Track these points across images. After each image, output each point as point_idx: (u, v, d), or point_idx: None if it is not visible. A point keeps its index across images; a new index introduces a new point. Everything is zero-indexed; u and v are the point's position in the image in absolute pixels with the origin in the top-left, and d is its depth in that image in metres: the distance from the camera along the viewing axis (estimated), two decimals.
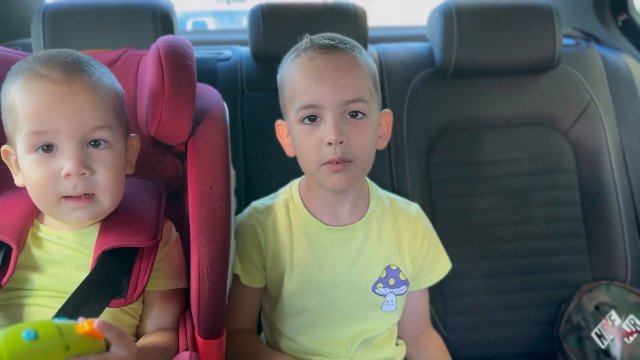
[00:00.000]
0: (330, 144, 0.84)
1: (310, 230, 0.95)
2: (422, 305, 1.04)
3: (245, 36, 1.37)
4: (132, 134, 0.89)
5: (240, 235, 0.97)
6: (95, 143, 0.78)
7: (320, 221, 0.95)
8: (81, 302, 0.75)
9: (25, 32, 1.37)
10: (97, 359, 0.62)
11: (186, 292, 0.90)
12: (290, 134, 0.93)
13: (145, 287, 0.80)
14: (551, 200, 1.33)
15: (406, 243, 0.98)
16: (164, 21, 1.19)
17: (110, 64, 1.08)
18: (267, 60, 1.30)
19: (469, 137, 1.34)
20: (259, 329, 1.05)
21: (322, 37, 0.89)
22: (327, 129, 0.85)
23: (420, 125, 1.31)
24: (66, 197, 0.77)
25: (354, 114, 0.86)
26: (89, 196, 0.78)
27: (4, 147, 0.81)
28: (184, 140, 0.92)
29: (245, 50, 1.37)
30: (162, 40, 0.94)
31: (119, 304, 0.78)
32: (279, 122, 0.98)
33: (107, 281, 0.78)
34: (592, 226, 1.32)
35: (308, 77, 0.87)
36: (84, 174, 0.76)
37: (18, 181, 0.81)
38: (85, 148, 0.77)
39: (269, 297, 0.99)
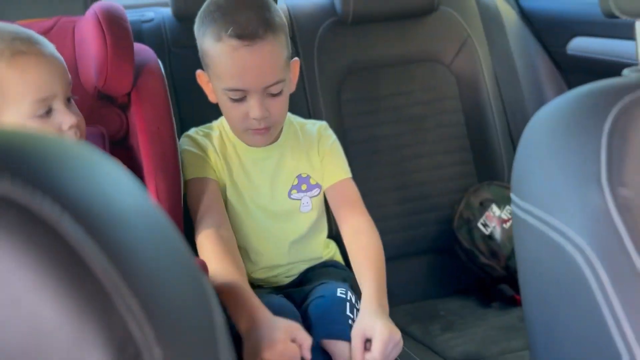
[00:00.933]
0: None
1: (239, 150, 1.15)
2: (342, 196, 1.19)
3: None
4: None
5: (193, 143, 1.13)
6: (69, 101, 0.93)
7: (246, 144, 1.14)
8: None
9: None
10: None
11: None
12: (213, 88, 1.09)
13: None
14: (441, 123, 1.60)
15: (313, 150, 1.19)
16: None
17: (46, 32, 1.20)
18: (188, 18, 1.44)
19: (372, 75, 1.56)
20: None
21: (244, 22, 0.96)
22: (252, 107, 1.00)
23: (330, 68, 1.52)
24: None
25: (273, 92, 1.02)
26: None
27: None
28: (127, 90, 1.08)
29: (167, 10, 1.50)
30: (98, 7, 1.08)
31: None
32: (199, 72, 1.12)
33: None
34: (475, 141, 1.61)
35: (233, 66, 0.98)
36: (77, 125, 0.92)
37: None
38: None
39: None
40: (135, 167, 1.12)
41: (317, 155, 1.20)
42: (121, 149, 1.17)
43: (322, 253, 1.25)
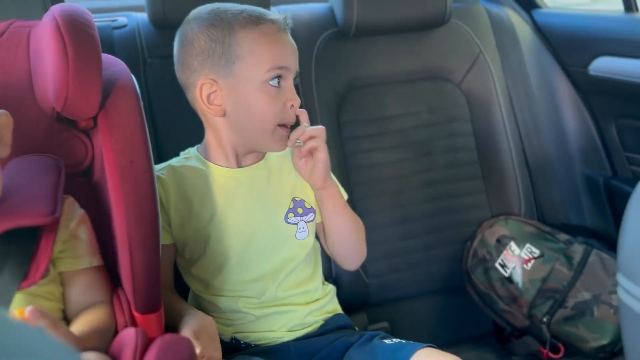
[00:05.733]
0: (292, 106, 0.94)
1: (217, 176, 0.99)
2: None
3: (136, 1, 1.31)
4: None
5: None
6: None
7: (224, 167, 1.00)
8: None
9: None
10: None
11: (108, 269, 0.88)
12: (228, 94, 0.94)
13: (48, 265, 0.76)
14: (450, 148, 1.43)
15: None
16: None
17: None
18: (167, 26, 1.25)
19: (374, 94, 1.39)
20: (186, 289, 1.06)
21: (275, 14, 0.98)
22: (290, 93, 0.94)
23: (329, 85, 1.34)
24: None
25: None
26: None
27: None
28: (93, 113, 0.88)
29: (142, 16, 1.30)
30: (58, 10, 0.88)
31: (21, 287, 0.74)
32: (203, 80, 0.95)
33: (10, 266, 0.73)
34: (487, 168, 1.45)
35: (280, 44, 0.95)
36: None
37: None
38: None
39: (190, 251, 1.00)
40: (101, 205, 0.92)
41: None
42: (84, 181, 0.96)
43: (320, 292, 1.06)
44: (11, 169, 0.88)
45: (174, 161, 1.03)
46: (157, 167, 1.00)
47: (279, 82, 0.94)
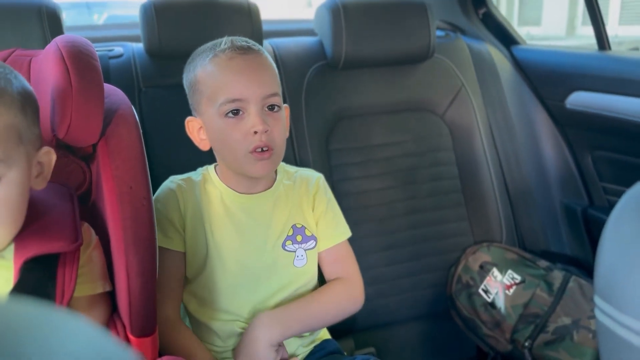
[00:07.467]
0: (256, 132, 0.93)
1: (226, 198, 1.03)
2: (336, 261, 1.10)
3: (131, 32, 1.35)
4: (45, 148, 0.82)
5: (159, 200, 1.02)
6: None
7: (235, 191, 1.03)
8: None
9: None
10: None
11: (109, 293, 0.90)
12: (206, 129, 0.99)
13: (73, 292, 0.79)
14: (434, 176, 1.48)
15: (308, 203, 1.09)
16: (51, 19, 1.14)
17: None
18: (162, 56, 1.29)
19: (361, 123, 1.44)
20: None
21: (237, 40, 0.98)
22: (252, 120, 0.93)
23: (318, 115, 1.39)
24: None
25: (271, 107, 0.96)
26: None
27: None
28: (94, 141, 0.91)
29: (138, 46, 1.35)
30: (62, 40, 0.91)
31: None
32: (189, 118, 1.03)
33: (36, 291, 0.75)
34: (469, 196, 1.50)
35: (231, 74, 0.95)
36: None
37: None
38: None
39: (191, 266, 1.03)
40: (98, 230, 0.94)
41: (310, 206, 1.09)
42: (84, 208, 0.99)
43: None
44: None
45: (193, 174, 1.07)
46: (178, 177, 1.06)
47: (238, 113, 0.94)
